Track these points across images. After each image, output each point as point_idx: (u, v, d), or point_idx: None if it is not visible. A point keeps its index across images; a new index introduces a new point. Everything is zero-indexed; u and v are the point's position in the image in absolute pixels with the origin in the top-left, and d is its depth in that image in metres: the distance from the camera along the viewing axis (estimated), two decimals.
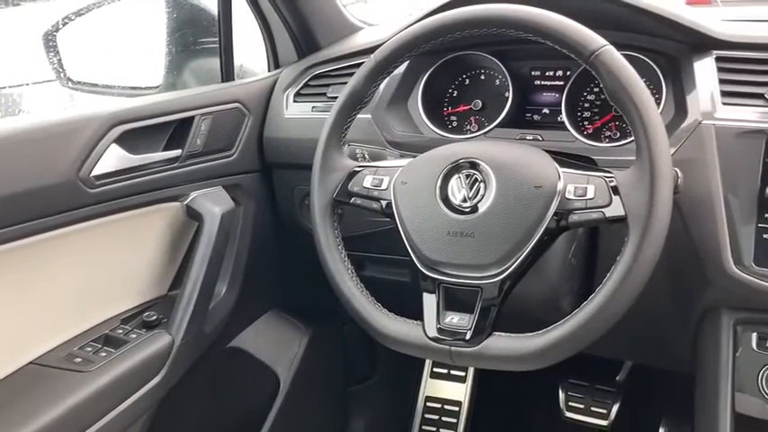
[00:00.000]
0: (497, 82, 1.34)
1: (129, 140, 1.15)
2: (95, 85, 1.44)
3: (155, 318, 1.22)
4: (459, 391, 1.88)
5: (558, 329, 0.88)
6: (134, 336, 1.19)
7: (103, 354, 1.14)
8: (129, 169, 1.16)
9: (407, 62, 1.31)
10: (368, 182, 1.04)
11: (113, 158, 1.13)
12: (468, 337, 0.91)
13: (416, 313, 0.97)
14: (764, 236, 0.97)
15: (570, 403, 1.72)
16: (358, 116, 1.09)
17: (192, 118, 1.26)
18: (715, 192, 1.00)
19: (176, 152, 1.24)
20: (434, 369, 1.93)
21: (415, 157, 1.04)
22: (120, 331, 1.20)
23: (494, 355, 0.91)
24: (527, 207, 0.91)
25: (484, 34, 0.96)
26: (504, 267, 0.91)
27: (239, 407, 1.47)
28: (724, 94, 1.04)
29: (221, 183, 1.33)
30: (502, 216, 0.92)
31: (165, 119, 1.22)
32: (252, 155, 1.40)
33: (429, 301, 0.96)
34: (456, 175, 0.97)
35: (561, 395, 1.74)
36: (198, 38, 1.56)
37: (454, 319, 0.94)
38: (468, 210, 0.94)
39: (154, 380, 1.17)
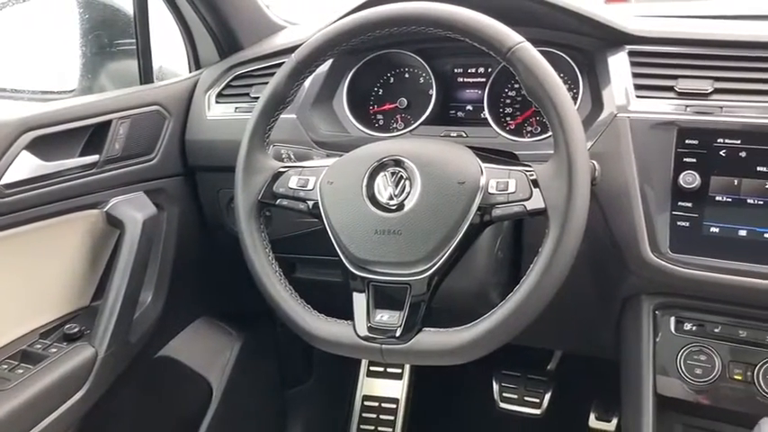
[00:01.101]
0: (421, 80, 1.35)
1: (42, 147, 1.11)
2: (3, 90, 1.38)
3: (76, 330, 1.17)
4: (396, 389, 1.89)
5: (484, 322, 0.89)
6: (54, 350, 1.14)
7: (20, 371, 1.09)
8: (42, 177, 1.11)
9: (331, 61, 1.31)
10: (293, 182, 1.02)
11: (25, 166, 1.08)
12: (398, 334, 0.92)
13: (350, 313, 0.97)
14: (678, 223, 1.01)
15: (504, 394, 1.74)
16: (282, 116, 1.08)
17: (109, 122, 1.22)
18: (631, 182, 1.03)
19: (93, 158, 1.20)
20: (371, 368, 1.93)
21: (341, 156, 1.04)
22: (39, 346, 1.15)
23: (424, 350, 0.91)
24: (452, 203, 0.92)
25: (404, 32, 0.97)
26: (431, 263, 0.92)
27: (171, 418, 1.43)
28: (637, 87, 1.08)
29: (143, 188, 1.29)
30: (427, 213, 0.92)
31: (80, 123, 1.17)
32: (174, 158, 1.37)
33: (359, 301, 0.96)
34: (382, 174, 0.97)
35: (495, 386, 1.77)
36: (114, 39, 1.50)
37: (384, 316, 0.94)
38: (394, 207, 0.94)
39: (76, 395, 1.13)
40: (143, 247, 1.21)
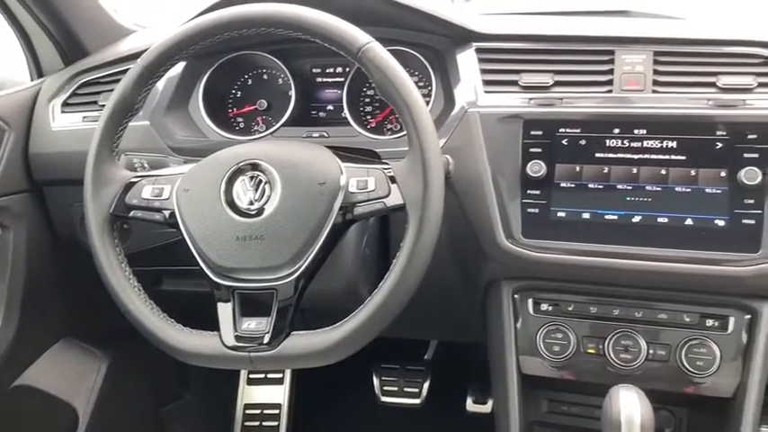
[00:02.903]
0: (280, 81, 1.34)
1: None
2: None
3: None
4: (277, 394, 1.87)
5: (352, 320, 0.90)
6: None
7: None
8: None
9: (184, 64, 1.28)
10: (147, 192, 0.99)
11: None
12: (266, 340, 0.91)
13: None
14: (529, 210, 1.07)
15: (384, 387, 1.78)
16: (134, 123, 1.04)
17: None
18: (484, 173, 1.08)
19: None
20: (251, 375, 1.90)
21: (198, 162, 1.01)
22: None
23: (293, 354, 0.91)
24: (313, 204, 0.92)
25: (254, 34, 0.96)
26: (297, 266, 0.92)
27: None
28: (485, 83, 1.13)
29: None
30: (289, 215, 0.92)
31: None
32: (17, 173, 1.28)
33: (224, 310, 0.94)
34: (240, 178, 0.95)
35: (376, 381, 1.79)
36: None
37: (251, 324, 0.93)
38: (254, 212, 0.93)
39: None
40: None
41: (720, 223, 1.00)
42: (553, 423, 1.26)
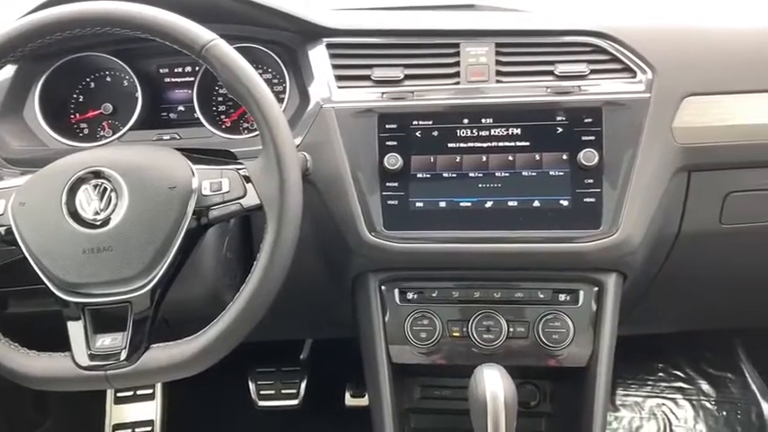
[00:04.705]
0: (125, 83, 1.27)
1: None
2: None
3: None
4: (149, 411, 1.79)
5: (214, 327, 0.88)
6: None
7: None
8: None
9: (15, 68, 1.19)
10: None
11: None
12: (123, 356, 0.87)
13: None
14: (389, 202, 1.09)
15: (261, 392, 1.75)
16: None
17: None
18: (343, 168, 1.08)
19: None
20: (118, 394, 1.80)
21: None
22: None
23: (154, 368, 0.87)
24: (164, 210, 0.88)
25: (92, 34, 0.90)
26: (151, 276, 0.88)
27: None
28: (338, 78, 1.13)
29: None
30: (139, 223, 0.88)
31: None
32: None
33: (75, 329, 0.89)
34: (83, 187, 0.90)
35: (252, 386, 1.76)
36: None
37: (106, 341, 0.88)
38: (100, 223, 0.88)
39: None
40: None
41: (565, 203, 1.06)
42: (427, 408, 1.30)
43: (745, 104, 1.10)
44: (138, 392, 1.79)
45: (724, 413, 1.86)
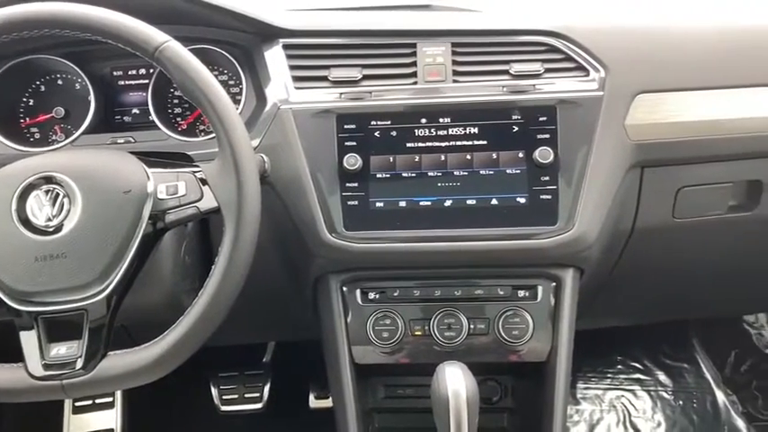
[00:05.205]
0: (78, 86, 1.24)
1: None
2: None
3: None
4: (108, 419, 1.75)
5: (173, 333, 0.87)
6: None
7: None
8: None
9: None
10: None
11: None
12: (79, 365, 0.85)
13: None
14: (349, 203, 1.09)
15: (224, 396, 1.73)
16: None
17: None
18: (302, 170, 1.08)
19: None
20: (76, 403, 1.76)
21: None
22: None
23: (112, 376, 0.86)
24: (119, 215, 0.87)
25: (40, 36, 0.89)
26: (107, 282, 0.87)
27: None
28: (295, 79, 1.12)
29: None
30: (93, 229, 0.86)
31: None
32: None
33: (28, 339, 0.87)
34: (34, 193, 0.88)
35: (214, 391, 1.75)
36: None
37: (61, 349, 0.86)
38: (53, 229, 0.86)
39: None
40: None
41: (522, 201, 1.08)
42: (391, 407, 1.30)
43: (694, 101, 1.13)
44: (98, 401, 1.75)
45: (680, 402, 1.92)
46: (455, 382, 0.96)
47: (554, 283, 1.13)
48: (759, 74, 1.15)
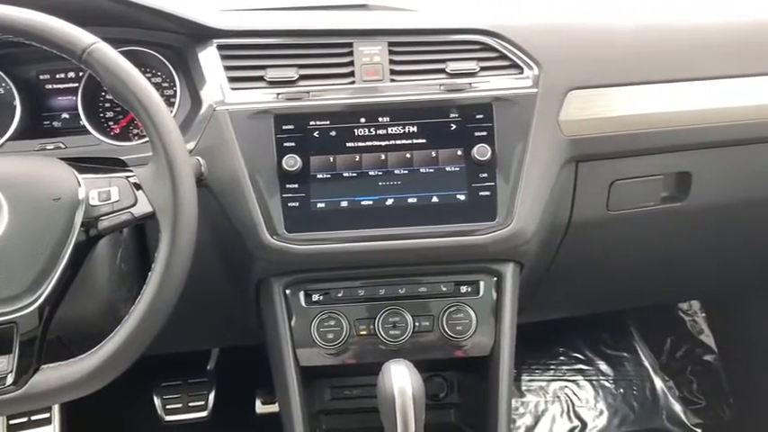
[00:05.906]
0: (2, 90, 1.19)
1: None
2: None
3: None
4: None
5: (109, 343, 0.84)
6: None
7: None
8: None
9: None
10: None
11: None
12: (10, 381, 0.82)
13: None
14: (289, 204, 1.08)
15: (167, 406, 1.69)
16: None
17: None
18: (240, 172, 1.06)
19: None
20: (11, 421, 1.69)
21: None
22: None
23: (45, 390, 0.83)
24: (48, 224, 0.84)
25: None
26: (38, 293, 0.84)
27: None
28: (231, 80, 1.11)
29: None
30: (21, 239, 0.83)
31: None
32: None
33: None
34: None
35: (157, 401, 1.70)
36: None
37: None
38: None
39: None
40: None
41: (462, 198, 1.09)
42: (338, 408, 1.30)
43: (624, 96, 1.16)
44: (33, 417, 1.68)
45: (621, 390, 1.98)
46: (401, 380, 0.96)
47: (495, 278, 1.15)
48: (687, 68, 1.19)
